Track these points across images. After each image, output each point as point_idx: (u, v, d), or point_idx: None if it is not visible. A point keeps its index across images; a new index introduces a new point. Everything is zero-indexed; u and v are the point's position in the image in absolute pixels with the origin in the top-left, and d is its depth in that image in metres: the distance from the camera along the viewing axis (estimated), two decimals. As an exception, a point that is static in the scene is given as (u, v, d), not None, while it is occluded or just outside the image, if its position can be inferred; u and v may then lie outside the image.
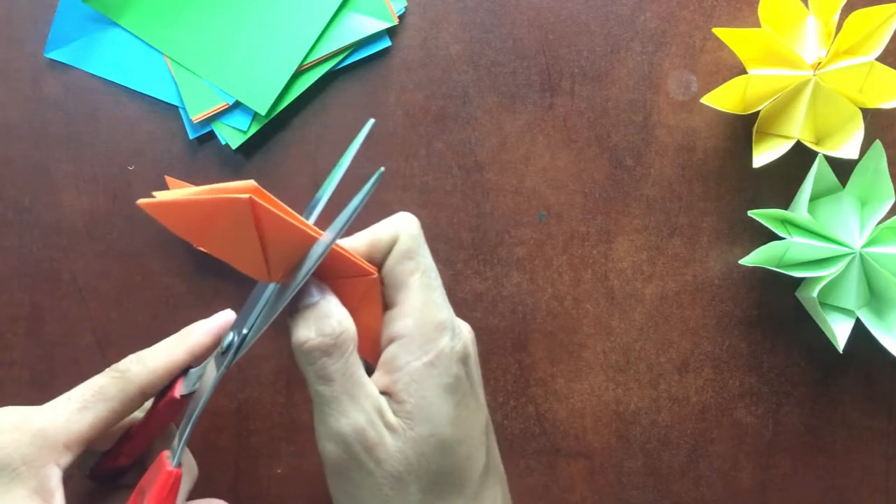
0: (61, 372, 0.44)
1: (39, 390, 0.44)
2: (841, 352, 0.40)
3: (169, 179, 0.43)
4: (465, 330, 0.31)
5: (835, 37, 0.40)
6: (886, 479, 0.44)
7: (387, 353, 0.30)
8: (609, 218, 0.44)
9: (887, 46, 0.39)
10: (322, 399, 0.29)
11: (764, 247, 0.40)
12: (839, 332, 0.40)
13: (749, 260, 0.41)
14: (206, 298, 0.44)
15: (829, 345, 0.41)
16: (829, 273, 0.40)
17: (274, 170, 0.44)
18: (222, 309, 0.44)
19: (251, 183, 0.28)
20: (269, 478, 0.44)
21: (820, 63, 0.40)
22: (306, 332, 0.29)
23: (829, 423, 0.44)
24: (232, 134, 0.43)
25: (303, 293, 0.30)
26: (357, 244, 0.31)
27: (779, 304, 0.44)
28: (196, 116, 0.43)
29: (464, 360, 0.30)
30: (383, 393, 0.30)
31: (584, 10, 0.44)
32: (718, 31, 0.41)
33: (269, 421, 0.44)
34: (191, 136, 0.44)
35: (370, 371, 0.31)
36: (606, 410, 0.44)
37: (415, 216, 0.32)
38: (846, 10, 0.40)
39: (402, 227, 0.31)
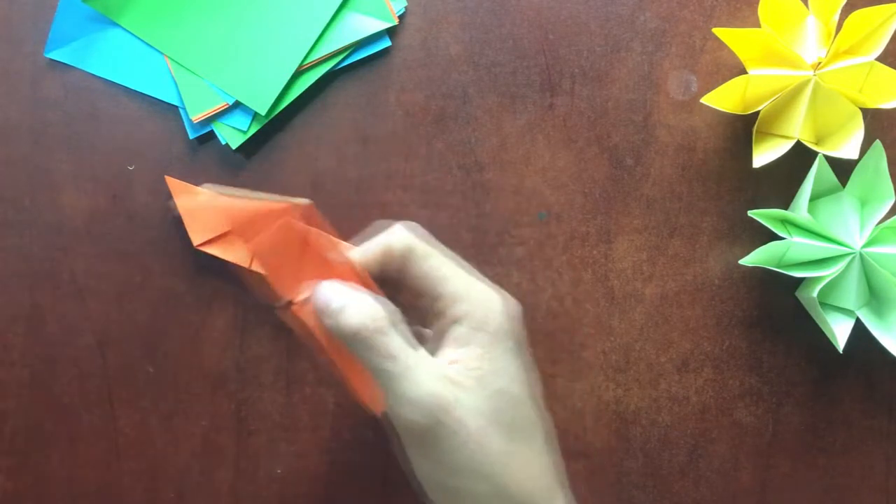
0: (61, 372, 0.44)
1: (39, 390, 0.44)
2: (841, 352, 0.40)
3: (169, 179, 0.43)
4: (511, 298, 0.34)
5: (835, 37, 0.40)
6: (886, 479, 0.44)
7: (452, 333, 0.32)
8: (609, 218, 0.44)
9: (887, 46, 0.39)
10: (391, 375, 0.30)
11: (764, 247, 0.40)
12: (839, 332, 0.40)
13: (749, 260, 0.41)
14: (206, 298, 0.44)
15: (829, 345, 0.41)
16: (829, 273, 0.40)
17: (274, 170, 0.44)
18: (222, 309, 0.44)
19: (307, 200, 0.34)
20: (269, 478, 0.44)
21: (820, 63, 0.40)
22: (357, 319, 0.31)
23: (829, 423, 0.44)
24: (232, 134, 0.43)
25: (332, 295, 0.32)
26: (370, 253, 0.33)
27: (779, 304, 0.44)
28: (196, 116, 0.43)
29: (518, 325, 0.33)
30: (453, 363, 0.32)
31: (584, 10, 0.44)
32: (718, 31, 0.41)
33: (269, 421, 0.44)
34: (191, 136, 0.44)
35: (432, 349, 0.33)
36: (606, 410, 0.44)
37: (414, 221, 0.34)
38: (846, 10, 0.40)
39: (409, 236, 0.33)
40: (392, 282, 0.34)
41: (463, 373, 0.31)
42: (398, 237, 0.33)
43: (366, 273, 0.33)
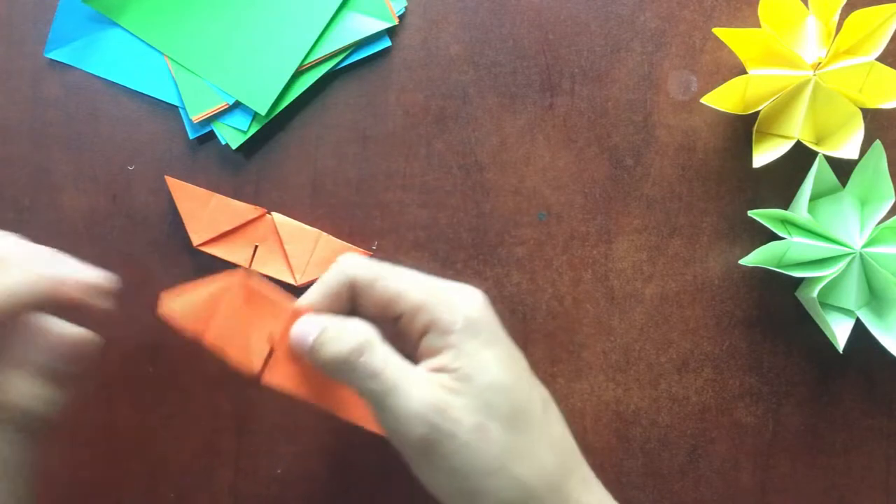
0: (61, 372, 0.44)
1: (39, 390, 0.44)
2: (841, 352, 0.40)
3: (169, 179, 0.43)
4: (471, 289, 0.33)
5: (835, 37, 0.40)
6: (886, 479, 0.44)
7: (423, 345, 0.32)
8: (609, 218, 0.44)
9: (887, 46, 0.39)
10: (379, 394, 0.31)
11: (764, 247, 0.40)
12: (839, 332, 0.40)
13: (749, 260, 0.41)
14: (206, 298, 0.44)
15: (829, 345, 0.41)
16: (829, 273, 0.40)
17: (274, 170, 0.44)
18: (222, 309, 0.44)
19: (241, 270, 0.35)
20: (269, 478, 0.44)
21: (820, 63, 0.40)
22: (335, 346, 0.31)
23: (829, 423, 0.44)
24: (232, 134, 0.43)
25: (307, 328, 0.32)
26: (317, 298, 0.34)
27: (779, 304, 0.44)
28: (196, 116, 0.43)
29: (485, 313, 0.33)
30: (435, 372, 0.32)
31: (584, 10, 0.44)
32: (718, 31, 0.41)
33: (269, 421, 0.44)
34: (191, 136, 0.44)
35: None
36: (606, 410, 0.44)
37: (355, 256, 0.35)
38: (846, 10, 0.40)
39: (350, 267, 0.33)
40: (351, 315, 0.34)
41: (447, 377, 0.31)
42: (337, 273, 0.33)
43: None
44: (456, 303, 0.32)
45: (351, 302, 0.33)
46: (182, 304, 0.34)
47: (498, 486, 0.30)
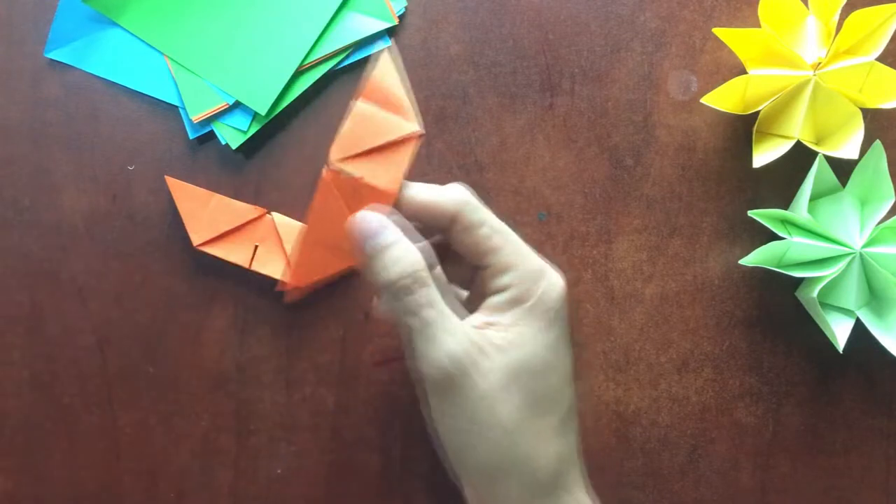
0: (61, 372, 0.44)
1: (39, 390, 0.44)
2: (841, 352, 0.40)
3: (169, 179, 0.43)
4: (557, 275, 0.34)
5: (835, 37, 0.40)
6: (886, 479, 0.44)
7: (491, 301, 0.33)
8: (609, 218, 0.44)
9: (887, 46, 0.39)
10: (417, 329, 0.31)
11: (764, 247, 0.40)
12: (839, 332, 0.40)
13: (749, 260, 0.41)
14: (206, 298, 0.44)
15: (829, 345, 0.41)
16: (829, 273, 0.40)
17: (274, 170, 0.44)
18: (222, 309, 0.44)
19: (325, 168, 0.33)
20: (269, 478, 0.44)
21: (820, 63, 0.40)
22: (393, 272, 0.31)
23: (829, 423, 0.44)
24: (232, 134, 0.43)
25: (376, 232, 0.32)
26: (415, 198, 0.33)
27: (779, 304, 0.44)
28: (196, 116, 0.43)
29: (559, 302, 0.33)
30: (484, 327, 0.32)
31: (584, 10, 0.44)
32: (718, 31, 0.41)
33: (269, 421, 0.44)
34: (191, 136, 0.44)
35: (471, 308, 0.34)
36: (606, 410, 0.44)
37: (466, 187, 0.34)
38: (846, 10, 0.40)
39: (462, 199, 0.33)
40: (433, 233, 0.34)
41: (488, 337, 0.32)
42: (451, 196, 0.33)
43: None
44: (540, 281, 0.33)
45: (444, 229, 0.34)
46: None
47: (497, 443, 0.31)
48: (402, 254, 0.32)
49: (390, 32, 0.44)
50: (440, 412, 0.32)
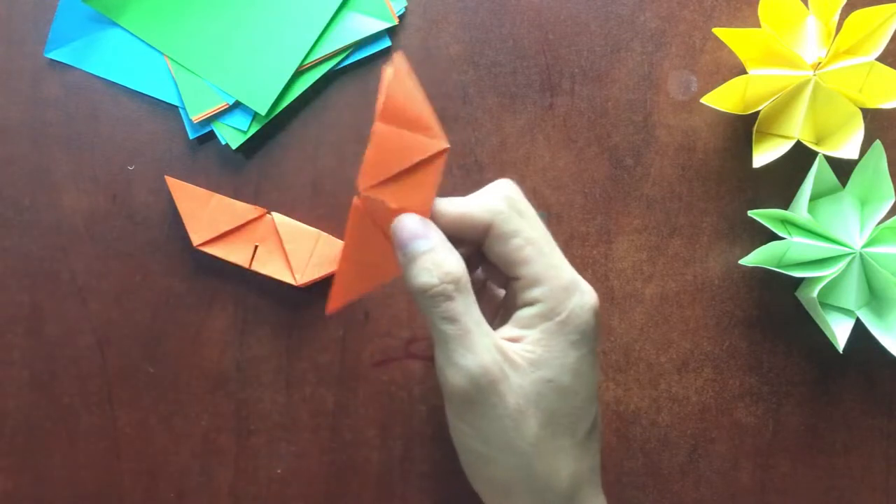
0: (61, 372, 0.44)
1: (39, 390, 0.44)
2: (841, 352, 0.40)
3: (169, 179, 0.43)
4: (590, 290, 0.33)
5: (835, 37, 0.40)
6: (886, 479, 0.44)
7: (521, 314, 0.32)
8: (609, 218, 0.44)
9: (887, 46, 0.39)
10: (447, 337, 0.31)
11: (764, 247, 0.40)
12: (839, 332, 0.40)
13: (749, 260, 0.41)
14: (206, 298, 0.44)
15: (829, 345, 0.41)
16: (829, 273, 0.40)
17: (274, 170, 0.44)
18: (222, 309, 0.44)
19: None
20: (269, 478, 0.44)
21: (820, 63, 0.40)
22: (429, 278, 0.31)
23: (829, 423, 0.44)
24: (232, 134, 0.43)
25: (415, 237, 0.31)
26: (448, 210, 0.32)
27: (779, 304, 0.44)
28: (196, 116, 0.43)
29: (590, 320, 0.32)
30: (513, 340, 0.32)
31: (584, 10, 0.44)
32: (718, 31, 0.41)
33: (269, 421, 0.44)
34: (191, 136, 0.44)
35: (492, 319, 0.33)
36: (606, 410, 0.44)
37: (513, 183, 0.33)
38: (846, 10, 0.40)
39: (495, 209, 0.32)
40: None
41: (517, 352, 0.31)
42: (485, 206, 0.32)
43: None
44: (572, 294, 0.32)
45: (477, 240, 0.33)
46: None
47: (510, 463, 0.31)
48: (443, 258, 0.31)
49: (390, 32, 0.44)
50: (459, 423, 0.32)
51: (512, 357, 0.31)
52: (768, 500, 0.44)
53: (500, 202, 0.32)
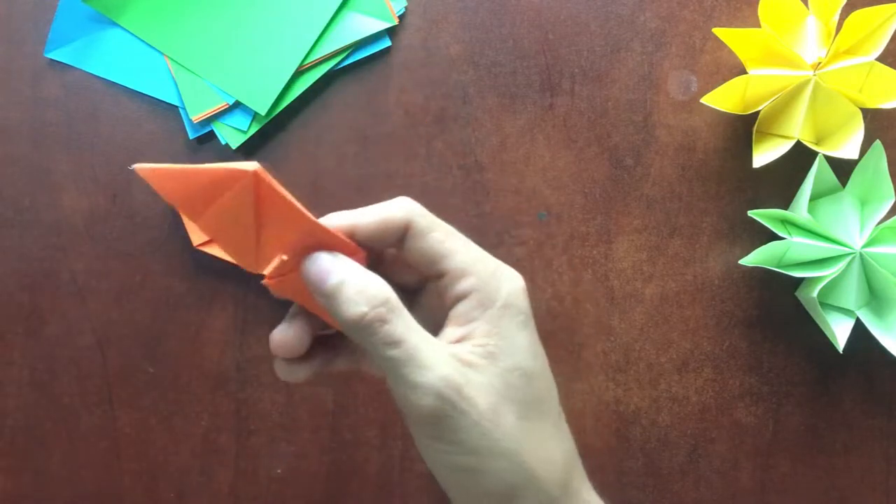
0: (61, 372, 0.44)
1: (39, 390, 0.44)
2: (841, 352, 0.40)
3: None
4: (515, 273, 0.32)
5: (835, 37, 0.40)
6: (886, 479, 0.44)
7: (457, 311, 0.31)
8: (609, 218, 0.44)
9: (887, 46, 0.39)
10: (397, 362, 0.29)
11: (764, 247, 0.40)
12: (839, 332, 0.40)
13: (749, 260, 0.41)
14: (206, 298, 0.44)
15: (829, 345, 0.41)
16: (829, 273, 0.40)
17: (274, 170, 0.44)
18: (222, 309, 0.44)
19: (255, 164, 0.29)
20: (269, 478, 0.44)
21: (820, 63, 0.40)
22: (356, 308, 0.29)
23: (829, 423, 0.44)
24: (232, 134, 0.43)
25: (326, 273, 0.30)
26: (364, 221, 0.32)
27: (779, 304, 0.44)
28: (196, 116, 0.43)
29: (525, 299, 0.32)
30: (459, 341, 0.31)
31: (584, 10, 0.44)
32: (718, 31, 0.41)
33: (269, 421, 0.44)
34: (191, 136, 0.44)
35: (434, 328, 0.32)
36: (606, 410, 0.44)
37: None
38: (846, 10, 0.40)
39: (410, 208, 0.32)
40: (385, 257, 0.33)
41: (471, 350, 0.30)
42: (399, 207, 0.32)
43: (352, 242, 0.31)
44: (501, 279, 0.31)
45: (396, 245, 0.32)
46: (170, 173, 0.29)
47: (503, 468, 0.30)
48: (364, 284, 0.29)
49: (390, 32, 0.44)
50: (434, 444, 0.30)
51: (467, 358, 0.30)
52: (768, 500, 0.44)
53: (411, 203, 0.32)
